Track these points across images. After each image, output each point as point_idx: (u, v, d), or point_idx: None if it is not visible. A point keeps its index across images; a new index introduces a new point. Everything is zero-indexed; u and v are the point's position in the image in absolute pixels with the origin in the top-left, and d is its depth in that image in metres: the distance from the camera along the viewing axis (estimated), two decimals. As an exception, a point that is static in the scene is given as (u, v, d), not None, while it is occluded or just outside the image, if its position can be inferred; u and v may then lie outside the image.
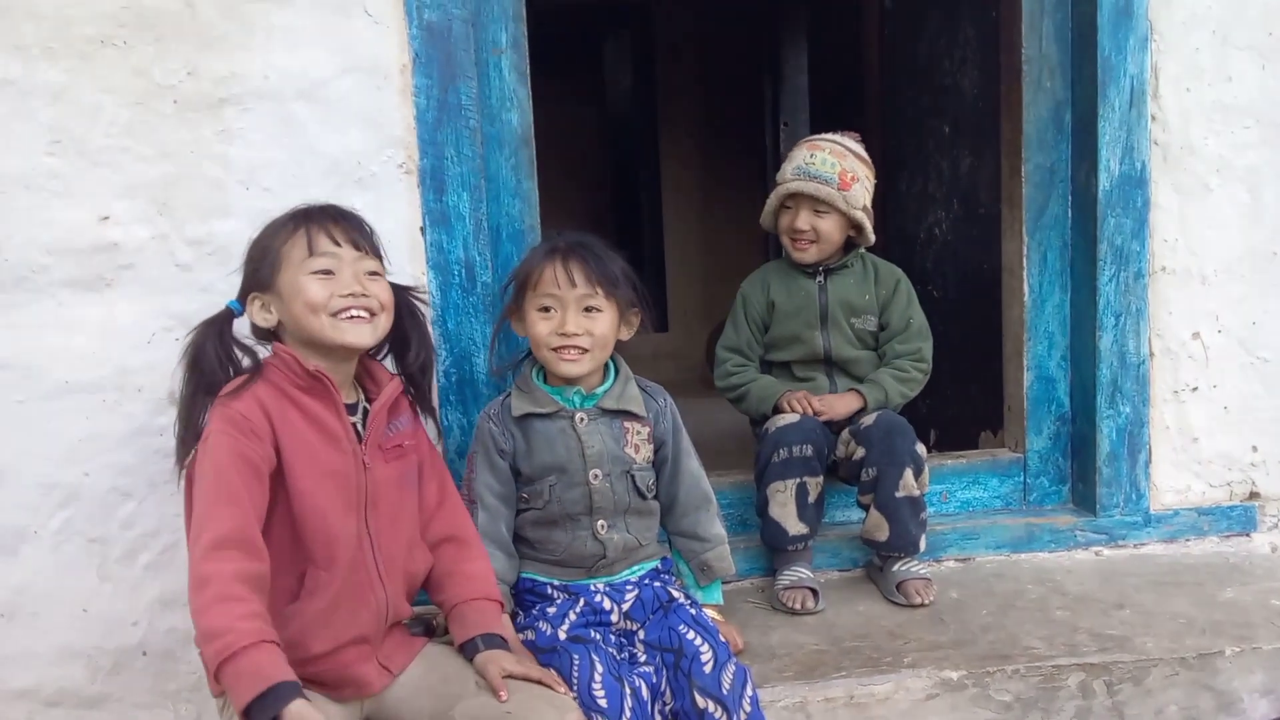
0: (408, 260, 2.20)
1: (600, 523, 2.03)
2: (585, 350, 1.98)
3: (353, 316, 1.75)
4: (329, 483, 1.74)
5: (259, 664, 1.51)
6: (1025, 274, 2.62)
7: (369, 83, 2.19)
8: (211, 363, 1.75)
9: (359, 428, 1.81)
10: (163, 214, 2.13)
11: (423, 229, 2.24)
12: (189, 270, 2.14)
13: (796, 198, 2.44)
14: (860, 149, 2.49)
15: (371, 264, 1.79)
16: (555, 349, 1.98)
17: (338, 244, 1.75)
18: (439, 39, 2.21)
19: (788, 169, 2.47)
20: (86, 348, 2.12)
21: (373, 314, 1.77)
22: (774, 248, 5.70)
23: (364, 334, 1.76)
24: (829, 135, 2.50)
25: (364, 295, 1.75)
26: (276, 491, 1.70)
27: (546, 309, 1.99)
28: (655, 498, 2.11)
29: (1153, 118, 2.52)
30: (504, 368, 2.17)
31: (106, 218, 2.11)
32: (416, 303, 1.92)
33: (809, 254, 2.47)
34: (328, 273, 1.74)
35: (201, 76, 2.12)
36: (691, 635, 1.90)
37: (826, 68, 5.39)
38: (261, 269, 1.77)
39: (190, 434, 1.74)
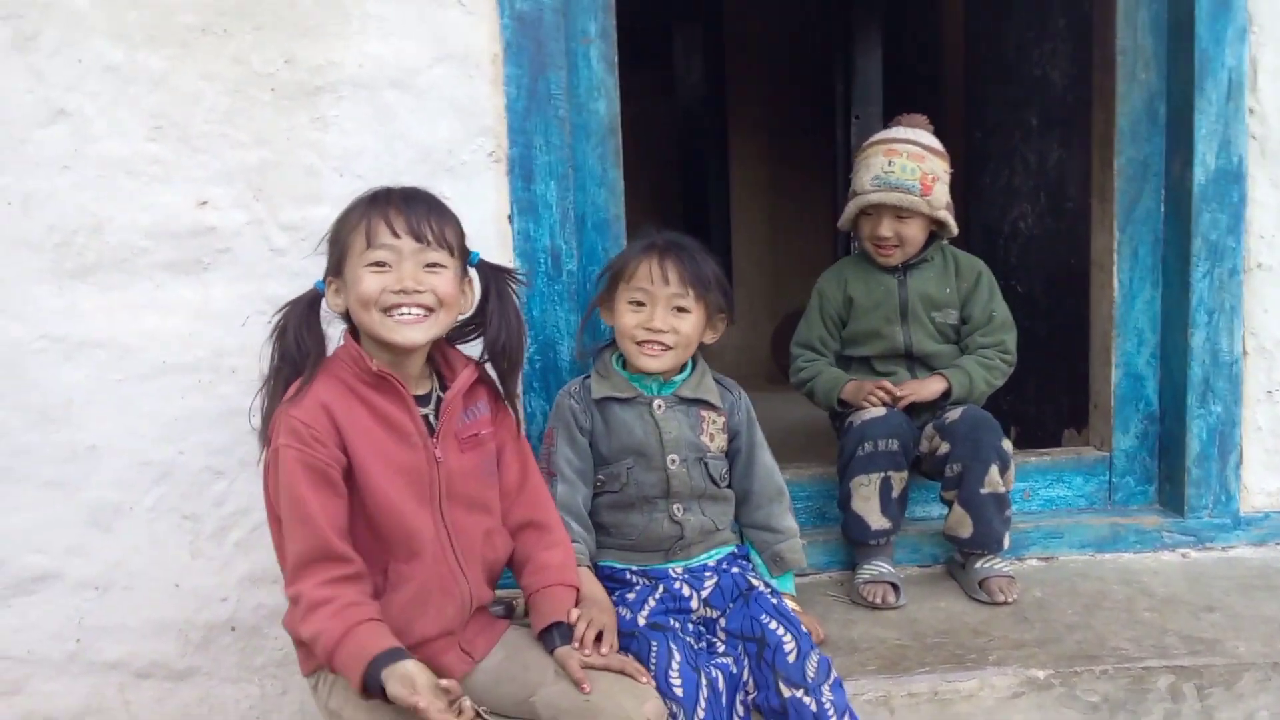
0: (496, 248, 2.22)
1: (676, 505, 2.05)
2: (668, 348, 2.00)
3: (404, 315, 1.71)
4: (400, 478, 1.73)
5: (352, 649, 1.57)
6: (1115, 269, 2.57)
7: (460, 72, 2.21)
8: (290, 343, 1.76)
9: (431, 419, 1.80)
10: (258, 199, 2.16)
11: (510, 217, 2.26)
12: (283, 255, 2.17)
13: (877, 207, 2.41)
14: (934, 140, 2.45)
15: (434, 255, 1.73)
16: (639, 342, 2.01)
17: (397, 235, 1.70)
18: (530, 28, 2.23)
19: (865, 178, 2.42)
20: (183, 329, 2.16)
21: (429, 310, 1.73)
22: (843, 243, 5.67)
23: (414, 334, 1.72)
24: (902, 133, 2.45)
25: (418, 291, 1.70)
26: (351, 489, 1.70)
27: (638, 303, 2.01)
28: (729, 486, 2.12)
29: (1250, 111, 2.46)
30: (588, 353, 2.19)
31: (204, 202, 2.15)
32: (508, 283, 1.88)
33: (893, 258, 2.45)
34: (383, 265, 1.70)
35: (298, 65, 2.15)
36: (774, 625, 1.90)
37: (901, 59, 5.34)
38: (334, 253, 1.77)
39: (270, 409, 1.75)
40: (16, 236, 2.10)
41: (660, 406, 2.05)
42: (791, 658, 1.85)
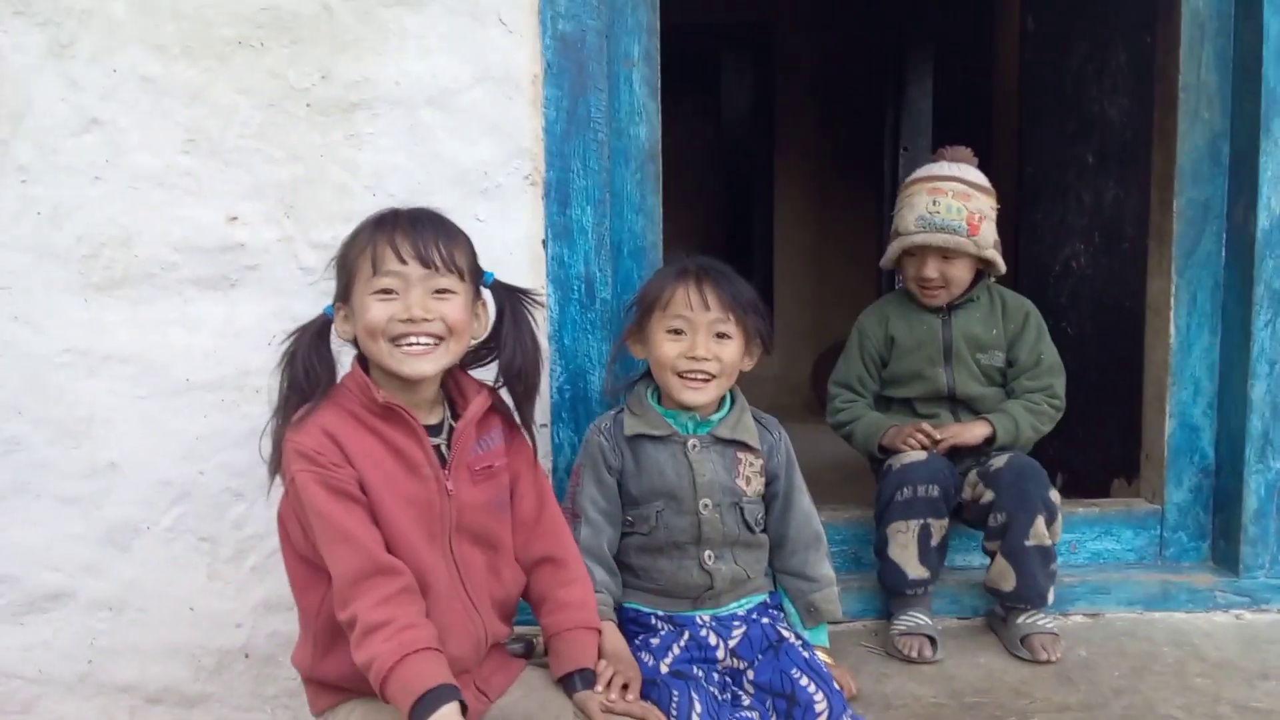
0: (528, 273, 2.16)
1: (708, 553, 1.96)
2: (712, 377, 1.92)
3: (412, 345, 1.64)
4: (411, 511, 1.66)
5: (403, 679, 1.52)
6: (1172, 314, 2.47)
7: (499, 92, 2.16)
8: (299, 371, 1.69)
9: (443, 449, 1.73)
10: (289, 216, 2.13)
11: (545, 242, 2.20)
12: (312, 274, 2.13)
13: (922, 248, 2.32)
14: (980, 176, 2.37)
15: (443, 280, 1.66)
16: (681, 374, 1.92)
17: (404, 260, 1.63)
18: (572, 50, 2.18)
19: (909, 218, 2.32)
20: (209, 346, 2.13)
21: (439, 339, 1.66)
22: (888, 277, 5.58)
23: (424, 365, 1.65)
24: (946, 169, 2.36)
25: (426, 320, 1.63)
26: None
27: (677, 331, 1.92)
28: (764, 531, 2.03)
29: (1320, 154, 2.35)
30: (619, 388, 2.11)
31: (235, 218, 2.12)
32: (523, 305, 1.80)
33: (939, 298, 2.36)
34: (390, 293, 1.63)
35: (334, 80, 2.12)
36: (805, 682, 1.81)
37: (953, 91, 5.26)
38: (341, 278, 1.71)
39: (279, 440, 1.68)
40: (44, 247, 2.08)
41: (695, 447, 1.96)
42: (823, 719, 1.76)
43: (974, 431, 2.31)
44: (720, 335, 1.92)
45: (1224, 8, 2.40)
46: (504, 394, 1.84)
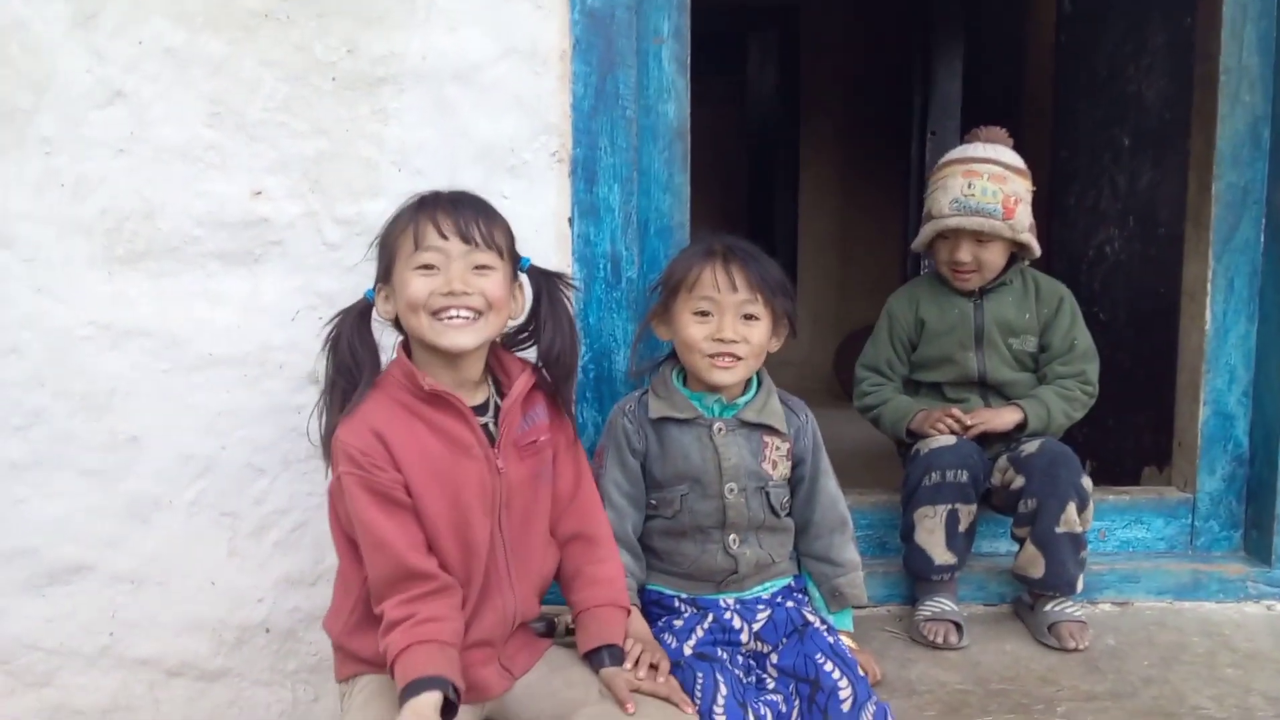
0: (554, 251, 2.14)
1: (732, 537, 1.93)
2: (740, 359, 1.89)
3: (452, 318, 1.66)
4: (463, 494, 1.68)
5: (404, 665, 1.57)
6: (1208, 300, 2.42)
7: (527, 68, 2.13)
8: (345, 354, 1.72)
9: (491, 428, 1.75)
10: (314, 191, 2.10)
11: (571, 220, 2.17)
12: (336, 249, 2.11)
13: (956, 231, 2.28)
14: (1015, 158, 2.32)
15: (483, 257, 1.68)
16: (710, 355, 1.89)
17: (444, 237, 1.66)
18: (601, 25, 2.14)
19: (943, 200, 2.28)
20: (231, 321, 2.11)
21: (479, 313, 1.67)
22: (914, 260, 5.53)
23: (464, 337, 1.67)
24: (981, 150, 2.31)
25: (466, 294, 1.65)
26: None
27: (704, 313, 1.90)
28: (789, 515, 2.00)
29: (1363, 138, 2.30)
30: (643, 369, 2.09)
31: (259, 192, 2.10)
32: (559, 289, 1.82)
33: (971, 282, 2.33)
34: (431, 268, 1.66)
35: (360, 54, 2.09)
36: (830, 667, 1.79)
37: (982, 74, 5.18)
38: (382, 259, 1.73)
39: (329, 427, 1.71)
40: (68, 220, 2.06)
41: (721, 430, 1.93)
42: (846, 705, 1.73)
43: (1005, 418, 2.27)
44: (748, 317, 1.89)
45: (1268, -12, 2.35)
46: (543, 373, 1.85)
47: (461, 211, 1.68)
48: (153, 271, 2.09)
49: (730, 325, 1.88)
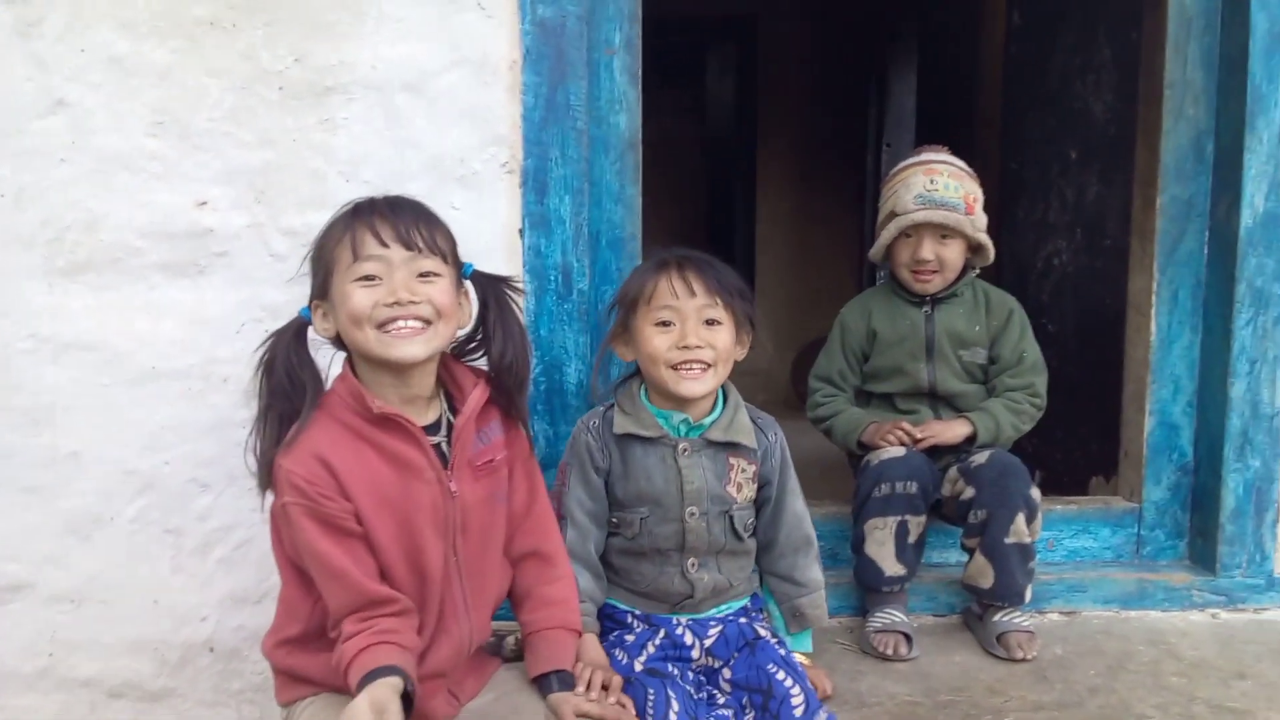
0: (504, 263, 2.12)
1: (691, 561, 1.91)
2: (709, 365, 1.85)
3: (400, 329, 1.58)
4: (414, 520, 1.62)
5: (364, 660, 1.52)
6: (1153, 312, 2.45)
7: (476, 78, 2.12)
8: (281, 378, 1.62)
9: (444, 448, 1.68)
10: (260, 202, 2.08)
11: (521, 231, 2.17)
12: (283, 261, 2.08)
13: (920, 227, 2.30)
14: (964, 164, 2.36)
15: (427, 263, 1.61)
16: (676, 365, 1.85)
17: (385, 244, 1.57)
18: (551, 36, 2.14)
19: (907, 197, 2.30)
20: (175, 334, 2.08)
21: (427, 322, 1.60)
22: (869, 271, 5.56)
23: (414, 348, 1.59)
24: (938, 155, 2.36)
25: (413, 302, 1.58)
26: None
27: (665, 323, 1.86)
28: (753, 536, 1.98)
29: (1303, 153, 2.34)
30: (608, 391, 2.04)
31: (204, 203, 2.07)
32: (507, 293, 1.76)
33: (932, 284, 2.34)
34: (373, 278, 1.58)
35: (308, 64, 2.07)
36: (781, 675, 1.78)
37: (936, 88, 5.24)
38: (317, 274, 1.65)
39: (266, 453, 1.62)
40: (7, 230, 2.03)
41: (686, 451, 1.90)
42: (799, 712, 1.73)
43: (954, 430, 2.29)
44: (710, 321, 1.86)
45: (1211, 4, 2.38)
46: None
47: (401, 216, 1.61)
48: (94, 283, 2.06)
49: (694, 331, 1.84)
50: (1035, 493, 2.16)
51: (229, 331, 2.08)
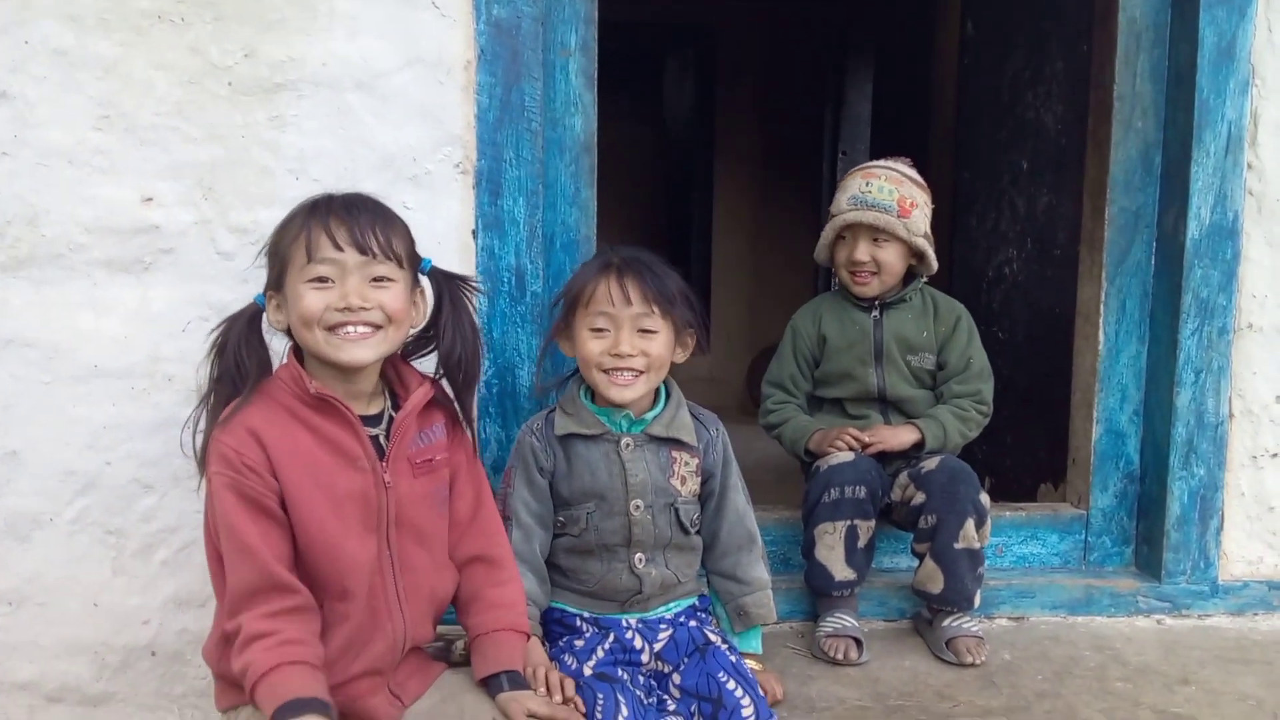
0: (457, 263, 2.09)
1: (638, 556, 1.91)
2: (640, 373, 1.86)
3: (349, 333, 1.59)
4: (344, 507, 1.61)
5: (273, 685, 1.47)
6: (1101, 321, 2.48)
7: (430, 77, 2.11)
8: (230, 362, 1.64)
9: (382, 441, 1.68)
10: (208, 198, 2.05)
11: (475, 232, 2.15)
12: (230, 259, 2.05)
13: (854, 228, 2.33)
14: (915, 174, 2.39)
15: (381, 268, 1.61)
16: (607, 371, 1.86)
17: (340, 248, 1.57)
18: (507, 36, 2.13)
19: (842, 199, 2.35)
20: (119, 332, 2.04)
21: (377, 327, 1.61)
22: (824, 277, 5.59)
23: (361, 353, 1.60)
24: (882, 161, 2.40)
25: (364, 308, 1.59)
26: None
27: (599, 329, 1.87)
28: (698, 533, 1.99)
29: (1249, 166, 2.38)
30: (548, 386, 2.06)
31: (150, 199, 2.03)
32: (463, 293, 1.76)
33: (870, 287, 2.35)
34: (326, 280, 1.58)
35: (259, 59, 2.04)
36: (732, 685, 1.78)
37: (892, 98, 5.28)
38: (273, 266, 1.65)
39: (207, 432, 1.63)
40: (-55, 224, 1.98)
41: (629, 446, 1.90)
42: (749, 723, 1.73)
43: (902, 437, 2.30)
44: (644, 330, 1.86)
45: (1160, 19, 2.42)
46: (444, 385, 1.80)
47: (357, 219, 1.60)
48: (36, 279, 2.01)
49: (627, 339, 1.85)
50: (984, 498, 2.18)
51: (174, 329, 2.04)
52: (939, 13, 4.47)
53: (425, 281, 1.76)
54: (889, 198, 2.30)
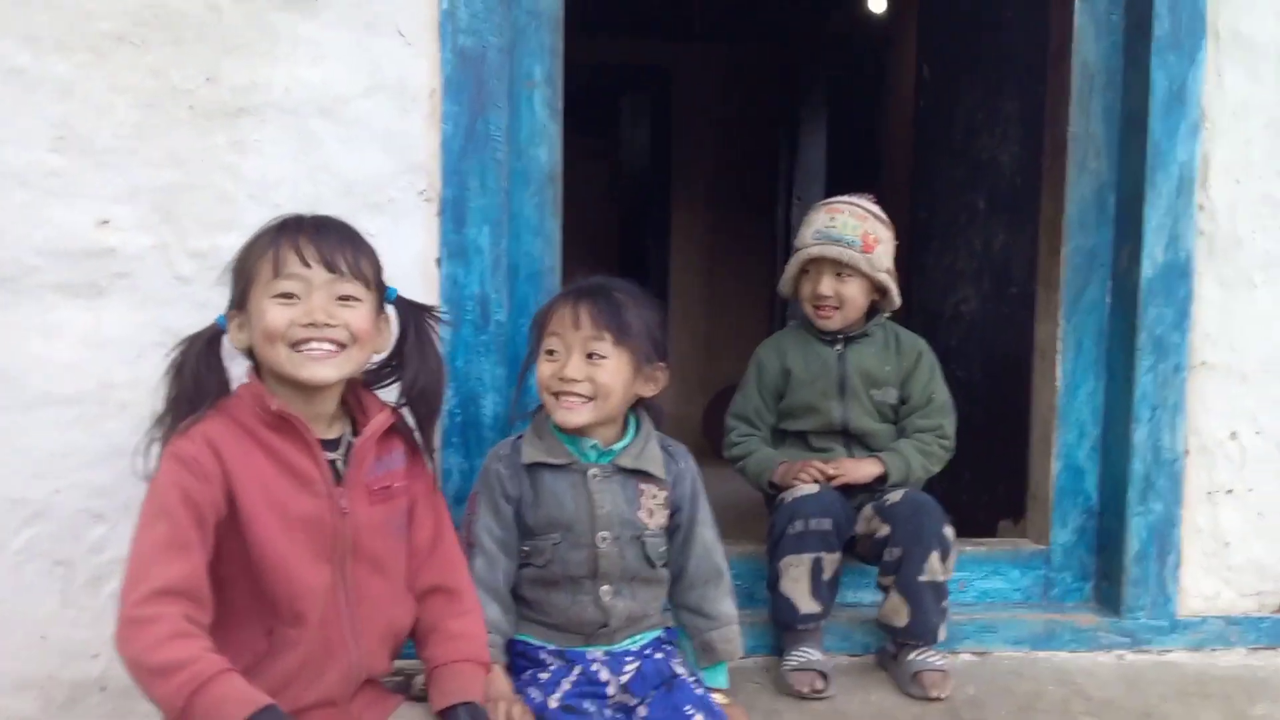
0: (421, 292, 2.05)
1: (604, 588, 1.88)
2: (587, 399, 1.84)
3: (313, 350, 1.57)
4: (297, 531, 1.57)
5: (239, 689, 1.40)
6: (1059, 359, 2.51)
7: (394, 105, 2.10)
8: (188, 382, 1.60)
9: (339, 466, 1.65)
10: (166, 222, 2.01)
11: (439, 260, 2.13)
12: (188, 284, 2.01)
13: (818, 262, 2.34)
14: (879, 210, 2.41)
15: (348, 287, 1.60)
16: (556, 394, 1.84)
17: (307, 264, 1.57)
18: (472, 65, 2.12)
19: (807, 234, 2.38)
20: (70, 357, 1.99)
21: (341, 346, 1.59)
22: (781, 318, 5.62)
23: (325, 370, 1.58)
24: (846, 198, 2.43)
25: (329, 325, 1.57)
26: (234, 541, 1.54)
27: (552, 350, 1.86)
28: (665, 566, 1.96)
29: (1200, 207, 2.43)
30: (522, 416, 2.01)
31: (106, 222, 1.99)
32: (427, 323, 1.75)
33: (833, 321, 2.36)
34: (291, 296, 1.57)
35: (220, 84, 2.02)
36: (699, 718, 1.75)
37: (845, 140, 5.36)
38: (237, 285, 1.63)
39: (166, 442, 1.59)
40: (-108, 245, 1.92)
41: (596, 476, 1.88)
42: (715, 757, 1.71)
43: (865, 470, 2.30)
44: (594, 355, 1.84)
45: (1113, 62, 2.47)
46: (406, 417, 1.77)
47: (326, 238, 1.60)
48: (-15, 302, 1.96)
49: (575, 364, 1.83)
50: (949, 530, 2.18)
51: (129, 355, 1.99)
52: (892, 57, 4.55)
53: (390, 310, 1.74)
54: (853, 233, 2.32)
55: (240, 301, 1.62)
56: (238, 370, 1.68)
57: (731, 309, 6.53)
